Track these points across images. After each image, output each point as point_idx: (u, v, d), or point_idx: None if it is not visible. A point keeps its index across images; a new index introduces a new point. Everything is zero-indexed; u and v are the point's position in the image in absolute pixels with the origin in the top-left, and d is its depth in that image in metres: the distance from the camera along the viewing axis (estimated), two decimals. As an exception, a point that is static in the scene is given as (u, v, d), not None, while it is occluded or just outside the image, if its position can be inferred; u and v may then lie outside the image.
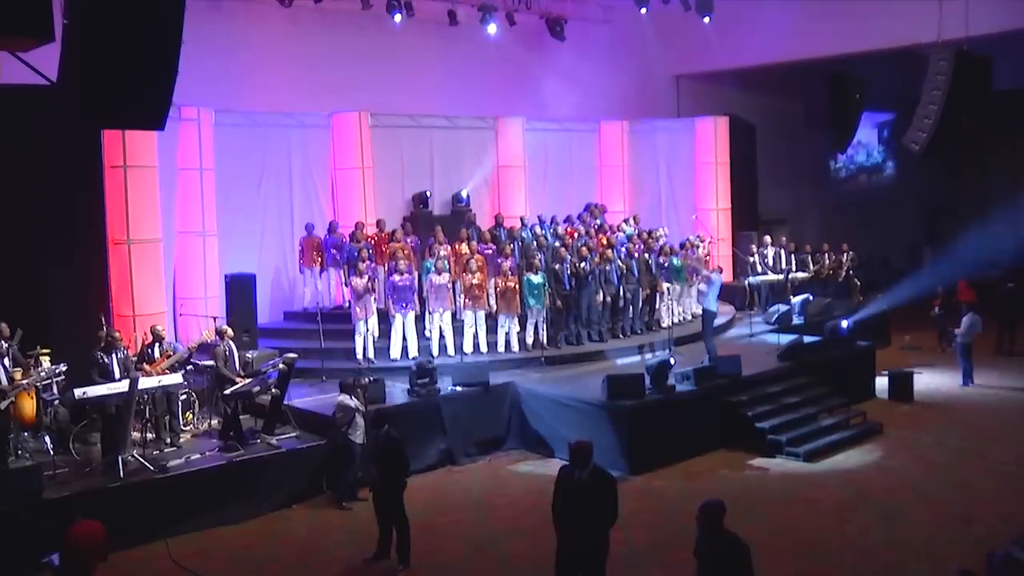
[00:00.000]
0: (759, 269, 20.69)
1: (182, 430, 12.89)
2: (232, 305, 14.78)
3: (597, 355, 16.14)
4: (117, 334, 11.65)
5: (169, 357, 12.14)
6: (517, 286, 15.84)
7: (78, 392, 11.01)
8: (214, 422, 13.09)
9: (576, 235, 18.08)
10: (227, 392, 12.21)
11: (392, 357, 15.44)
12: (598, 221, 20.01)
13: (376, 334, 16.04)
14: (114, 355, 11.51)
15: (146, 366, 11.98)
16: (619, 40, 23.38)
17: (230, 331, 12.93)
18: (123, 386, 11.05)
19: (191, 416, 13.14)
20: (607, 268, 16.71)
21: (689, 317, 18.83)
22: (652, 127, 23.84)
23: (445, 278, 15.58)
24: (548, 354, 15.70)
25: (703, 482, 12.60)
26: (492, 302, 16.13)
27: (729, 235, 23.22)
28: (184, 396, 13.07)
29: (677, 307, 18.53)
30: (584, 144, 23.02)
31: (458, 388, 13.97)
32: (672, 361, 13.85)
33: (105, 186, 14.57)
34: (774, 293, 20.62)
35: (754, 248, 21.13)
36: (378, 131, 19.13)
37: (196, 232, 16.75)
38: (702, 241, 19.97)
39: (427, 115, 20.15)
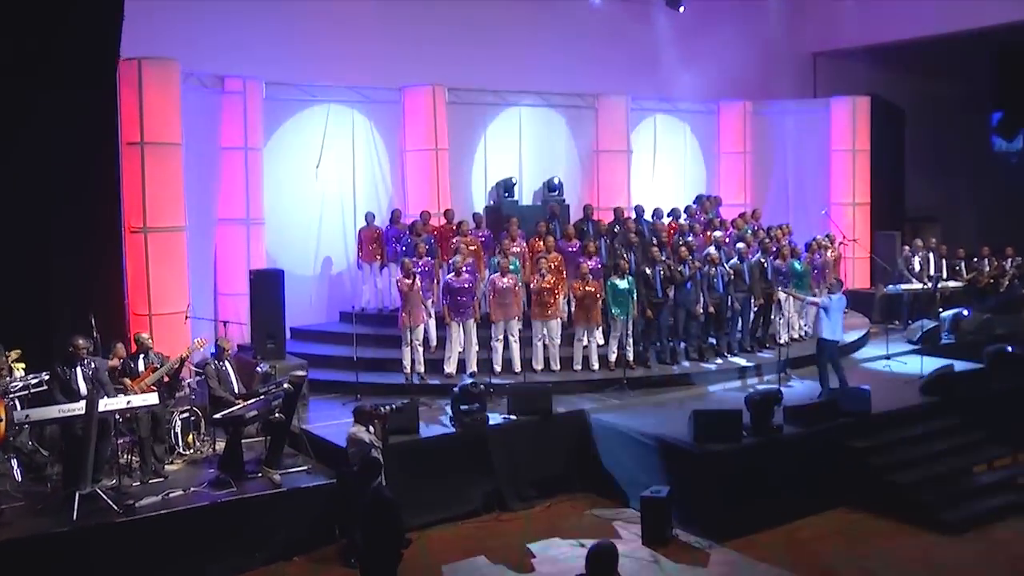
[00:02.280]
0: (903, 275, 17.38)
1: (181, 454, 10.88)
2: (257, 305, 12.64)
3: (694, 378, 13.32)
4: (83, 342, 9.58)
5: (155, 371, 10.06)
6: (599, 292, 13.24)
7: (18, 415, 9.02)
8: (220, 445, 10.96)
9: (677, 231, 15.24)
10: (217, 417, 10.09)
11: (447, 372, 13.06)
12: (709, 215, 17.10)
13: (433, 344, 13.73)
14: (79, 368, 9.46)
15: (127, 382, 9.94)
16: (746, 11, 20.35)
17: (229, 347, 10.84)
18: (78, 408, 9.00)
19: (192, 438, 11.07)
20: (711, 272, 13.88)
21: (812, 332, 15.75)
22: (780, 109, 20.66)
23: (511, 280, 13.07)
24: (632, 375, 13.00)
25: (813, 553, 9.78)
26: (568, 310, 13.63)
27: (867, 235, 19.88)
28: (186, 414, 11.03)
29: (798, 320, 15.49)
30: (699, 127, 20.09)
31: (512, 417, 11.47)
32: (781, 393, 10.95)
33: (122, 165, 12.67)
34: (919, 305, 17.28)
35: (905, 250, 17.80)
36: (456, 108, 16.79)
37: (239, 220, 14.78)
38: (832, 242, 16.82)
39: (515, 91, 17.68)
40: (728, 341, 14.33)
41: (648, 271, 13.43)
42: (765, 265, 14.57)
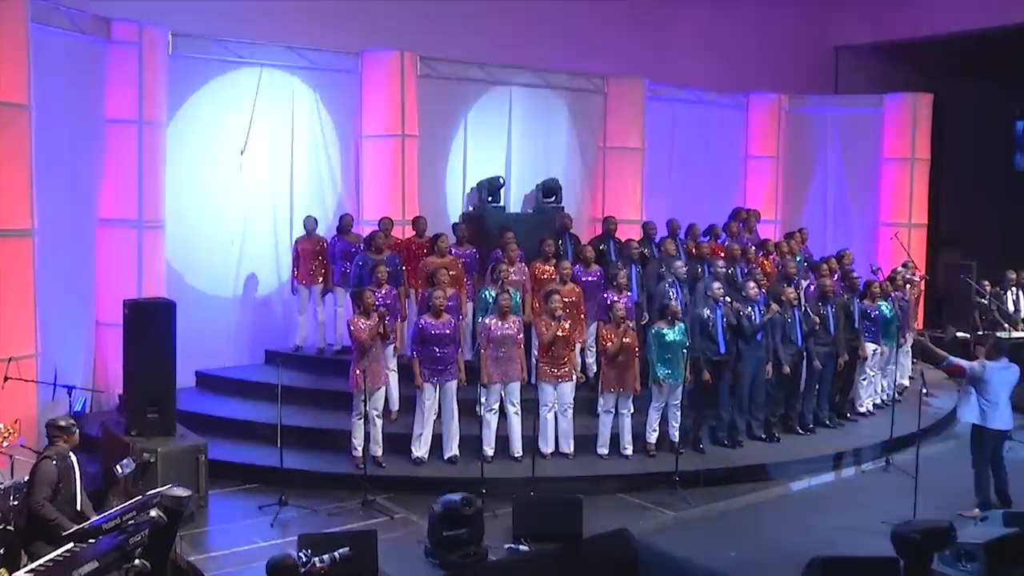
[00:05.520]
0: (996, 319, 13.67)
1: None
2: (134, 354, 8.37)
3: (770, 471, 9.38)
4: None
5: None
6: (636, 344, 9.28)
7: None
8: None
9: (726, 256, 11.31)
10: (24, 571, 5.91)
11: (415, 457, 9.00)
12: (751, 235, 13.25)
13: (395, 409, 9.68)
14: None
15: None
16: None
17: (73, 433, 6.66)
18: None
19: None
20: (787, 317, 10.00)
21: (896, 395, 11.96)
22: (821, 105, 16.93)
23: (514, 324, 9.05)
24: (687, 469, 9.00)
25: None
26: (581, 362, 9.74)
27: (922, 263, 16.16)
28: (-1, 535, 6.81)
29: (881, 380, 11.68)
30: (725, 123, 16.22)
31: (521, 546, 7.44)
32: (955, 530, 7.02)
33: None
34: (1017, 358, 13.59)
35: (988, 287, 14.08)
36: (430, 83, 12.80)
37: (128, 222, 10.59)
38: (914, 275, 13.08)
39: (505, 65, 13.66)
40: (801, 413, 10.45)
41: (708, 315, 9.48)
42: (851, 308, 10.73)
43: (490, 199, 13.19)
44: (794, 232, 13.80)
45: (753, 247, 11.95)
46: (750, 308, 9.71)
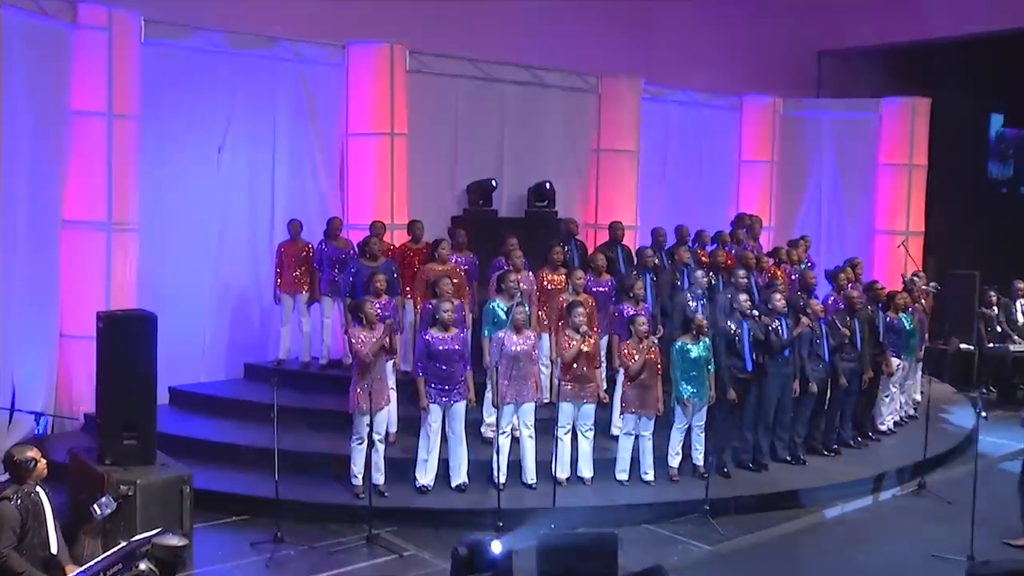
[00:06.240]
0: (999, 331, 13.20)
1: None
2: (109, 374, 7.44)
3: (802, 497, 8.71)
4: None
5: None
6: (659, 360, 8.55)
7: None
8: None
9: (742, 265, 10.63)
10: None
11: (420, 485, 8.20)
12: (754, 243, 12.62)
13: (393, 431, 8.85)
14: None
15: None
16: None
17: (41, 464, 5.78)
18: None
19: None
20: (815, 331, 9.35)
21: (912, 412, 11.40)
22: (815, 109, 16.37)
23: (529, 339, 8.28)
24: (715, 496, 8.27)
25: None
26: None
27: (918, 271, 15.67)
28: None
29: (900, 396, 11.10)
30: (719, 126, 15.62)
31: (554, 589, 6.69)
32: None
33: None
34: (1021, 371, 13.16)
35: (993, 296, 13.58)
36: (420, 79, 12.02)
37: (96, 224, 9.68)
38: (927, 284, 12.54)
39: (498, 62, 12.92)
40: (825, 433, 9.79)
41: (733, 329, 8.79)
42: (876, 320, 10.12)
43: (481, 202, 12.49)
44: (798, 240, 13.20)
45: (766, 256, 11.31)
46: (777, 322, 9.03)
